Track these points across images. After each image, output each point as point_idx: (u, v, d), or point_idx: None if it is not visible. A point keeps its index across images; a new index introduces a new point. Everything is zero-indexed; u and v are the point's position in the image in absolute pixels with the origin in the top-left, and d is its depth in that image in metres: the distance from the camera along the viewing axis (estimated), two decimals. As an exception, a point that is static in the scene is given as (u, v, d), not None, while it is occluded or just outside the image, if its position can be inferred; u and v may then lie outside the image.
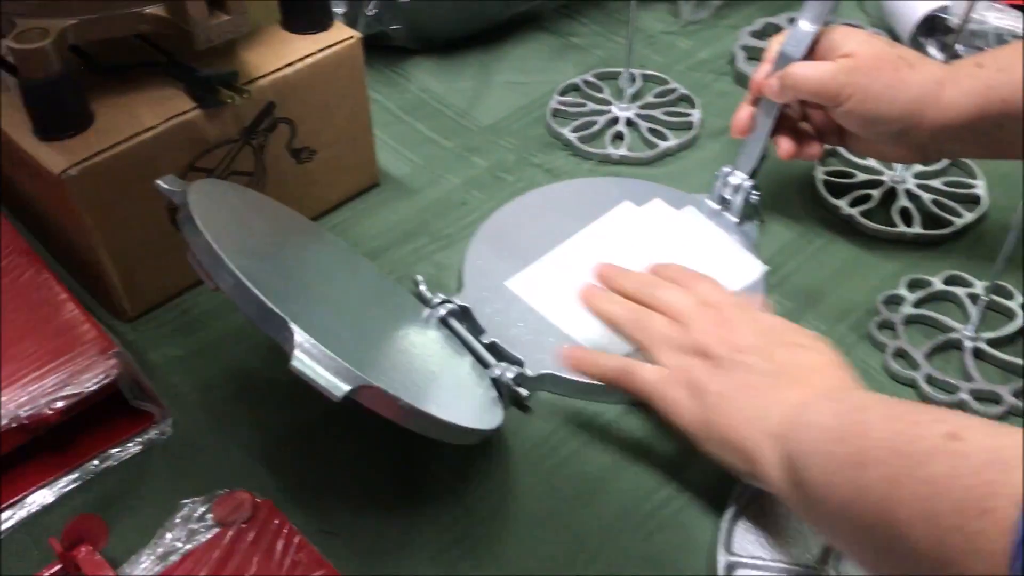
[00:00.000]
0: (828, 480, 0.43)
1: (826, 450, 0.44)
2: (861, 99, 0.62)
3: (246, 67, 0.65)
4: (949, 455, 0.38)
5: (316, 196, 0.73)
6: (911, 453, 0.40)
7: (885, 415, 0.43)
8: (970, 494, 0.36)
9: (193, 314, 0.67)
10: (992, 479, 0.35)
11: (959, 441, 0.38)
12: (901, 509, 0.38)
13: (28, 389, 0.55)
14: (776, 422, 0.48)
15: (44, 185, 0.61)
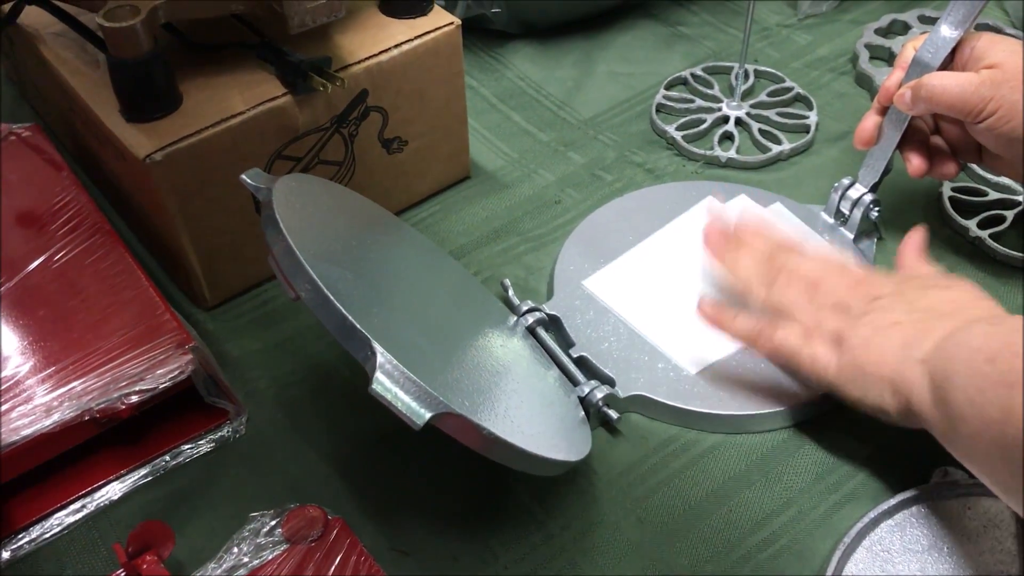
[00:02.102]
0: (975, 399, 0.43)
1: (975, 369, 0.43)
2: (1006, 116, 0.56)
3: (340, 52, 0.62)
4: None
5: (404, 188, 0.70)
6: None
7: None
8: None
9: (273, 306, 0.65)
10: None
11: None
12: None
13: (102, 380, 0.53)
14: (926, 349, 0.47)
15: (129, 167, 0.59)
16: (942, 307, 0.50)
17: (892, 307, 0.51)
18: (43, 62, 0.65)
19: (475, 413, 0.44)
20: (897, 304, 0.51)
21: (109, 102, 0.59)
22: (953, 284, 0.52)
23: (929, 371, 0.47)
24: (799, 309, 0.54)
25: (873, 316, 0.51)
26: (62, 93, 0.64)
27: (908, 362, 0.48)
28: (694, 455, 0.56)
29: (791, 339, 0.54)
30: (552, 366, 0.58)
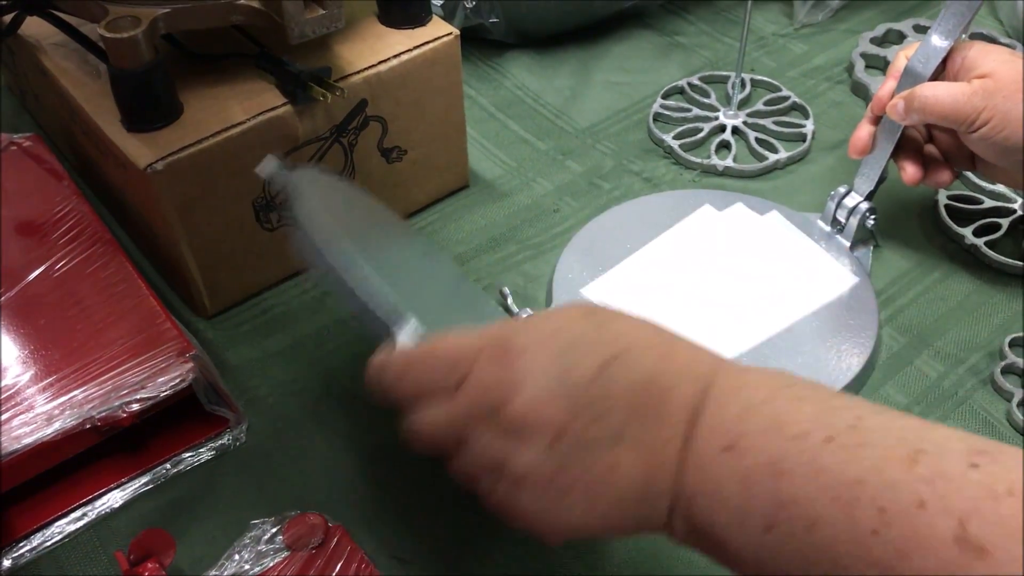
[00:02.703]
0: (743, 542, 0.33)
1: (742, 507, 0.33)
2: (999, 125, 0.56)
3: (340, 62, 0.62)
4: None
5: (403, 197, 0.71)
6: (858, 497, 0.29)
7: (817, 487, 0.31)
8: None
9: (273, 314, 0.66)
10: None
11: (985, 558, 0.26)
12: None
13: (103, 388, 0.53)
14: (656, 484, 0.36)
15: (130, 177, 0.59)
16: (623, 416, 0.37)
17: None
18: (44, 72, 0.65)
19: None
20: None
21: (110, 112, 0.59)
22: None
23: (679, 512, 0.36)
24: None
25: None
26: (63, 103, 0.65)
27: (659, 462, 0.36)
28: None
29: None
30: None
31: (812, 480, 0.31)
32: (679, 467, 0.36)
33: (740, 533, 0.33)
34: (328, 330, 0.64)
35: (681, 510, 0.36)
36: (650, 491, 0.36)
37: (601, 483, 0.36)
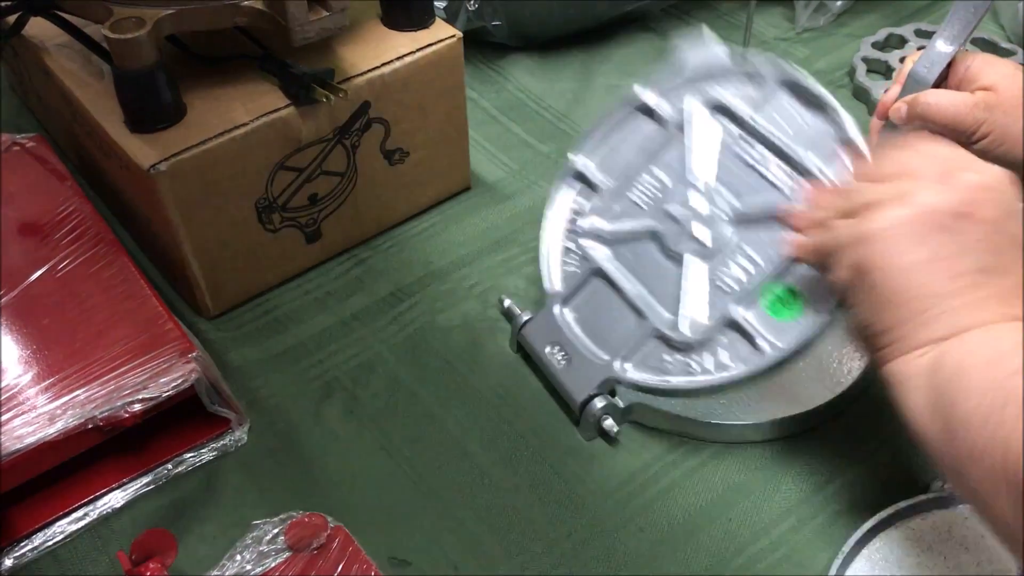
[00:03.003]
0: (986, 413, 0.39)
1: (993, 377, 0.39)
2: (997, 140, 0.56)
3: (343, 64, 0.62)
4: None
5: (406, 198, 0.71)
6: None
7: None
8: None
9: (275, 315, 0.66)
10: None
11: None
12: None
13: (106, 389, 0.53)
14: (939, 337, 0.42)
15: (133, 177, 0.59)
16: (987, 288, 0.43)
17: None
18: (47, 73, 0.65)
19: None
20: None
21: (113, 113, 0.59)
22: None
23: (935, 359, 0.42)
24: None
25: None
26: (66, 104, 0.65)
27: (918, 338, 0.43)
28: (693, 465, 0.56)
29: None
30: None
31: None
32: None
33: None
34: (329, 331, 0.64)
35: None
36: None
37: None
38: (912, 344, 0.43)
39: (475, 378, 0.61)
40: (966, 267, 0.43)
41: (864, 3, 0.91)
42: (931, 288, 0.43)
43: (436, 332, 0.64)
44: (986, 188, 0.45)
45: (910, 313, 0.43)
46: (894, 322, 0.44)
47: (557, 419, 0.59)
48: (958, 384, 0.41)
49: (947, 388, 0.41)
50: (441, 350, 0.63)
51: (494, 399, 0.60)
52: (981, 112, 0.56)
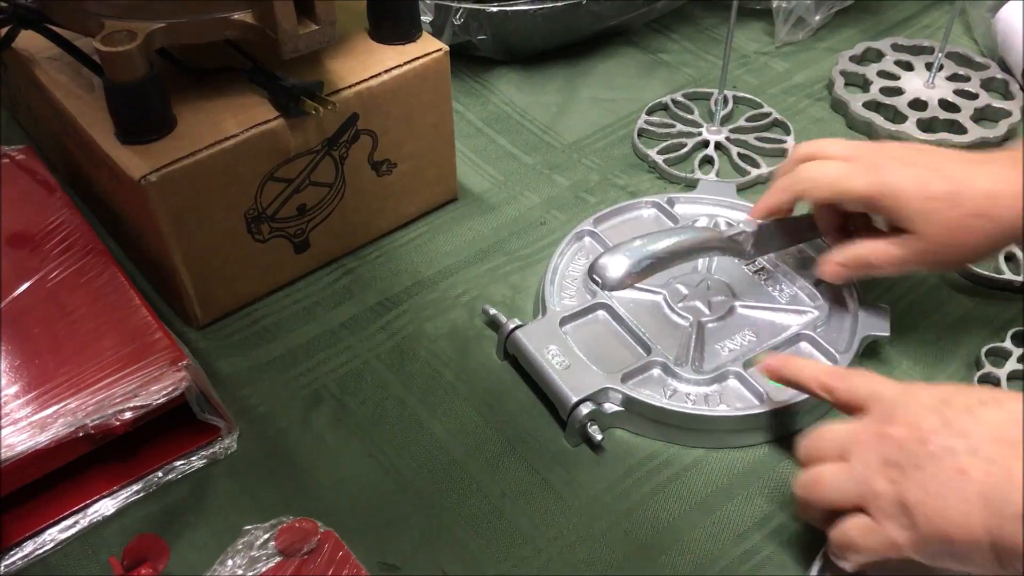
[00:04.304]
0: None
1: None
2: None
3: (331, 76, 0.63)
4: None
5: (393, 209, 0.72)
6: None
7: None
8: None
9: (264, 324, 0.66)
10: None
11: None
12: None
13: (97, 397, 0.54)
14: (1017, 501, 0.41)
15: (123, 188, 0.60)
16: (1007, 437, 0.42)
17: (949, 449, 0.43)
18: (38, 85, 0.66)
19: None
20: (952, 442, 0.43)
21: (104, 124, 0.60)
22: (1001, 397, 0.45)
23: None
24: (845, 492, 0.47)
25: (932, 468, 0.43)
26: (56, 116, 0.66)
27: (1004, 521, 0.41)
28: (677, 469, 0.57)
29: (853, 533, 0.46)
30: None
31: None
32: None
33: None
34: (318, 340, 0.65)
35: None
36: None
37: (960, 483, 0.42)
38: (1013, 534, 0.41)
39: (462, 385, 0.62)
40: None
41: (842, 18, 0.93)
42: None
43: (424, 340, 0.65)
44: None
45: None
46: (977, 538, 0.42)
47: (543, 425, 0.60)
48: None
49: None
50: (429, 358, 0.64)
51: (481, 406, 0.61)
52: (916, 262, 0.57)
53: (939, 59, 0.83)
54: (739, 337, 0.62)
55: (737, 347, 0.61)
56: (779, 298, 0.64)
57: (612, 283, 0.57)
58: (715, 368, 0.59)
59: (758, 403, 0.58)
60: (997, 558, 0.41)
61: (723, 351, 0.61)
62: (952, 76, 0.84)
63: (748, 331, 0.62)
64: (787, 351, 0.61)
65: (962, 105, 0.81)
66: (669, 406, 0.57)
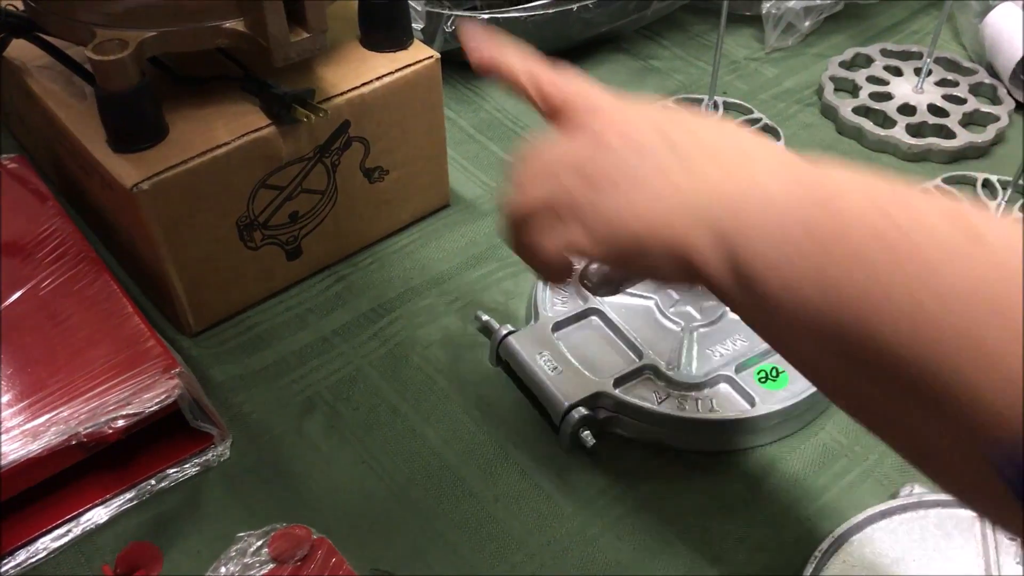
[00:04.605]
0: (788, 281, 0.34)
1: (785, 242, 0.34)
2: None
3: (323, 84, 0.64)
4: (965, 257, 0.30)
5: (386, 216, 0.72)
6: (910, 248, 0.31)
7: (871, 198, 0.33)
8: (987, 294, 0.29)
9: (257, 332, 0.66)
10: (1003, 271, 0.29)
11: (982, 244, 0.30)
12: (885, 312, 0.31)
13: (90, 405, 0.54)
14: (709, 208, 0.37)
15: (115, 196, 0.60)
16: (724, 156, 0.39)
17: (661, 159, 0.39)
18: (30, 94, 0.66)
19: None
20: (665, 155, 0.39)
21: (96, 133, 0.60)
22: (723, 123, 0.43)
23: (720, 244, 0.36)
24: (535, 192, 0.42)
25: (641, 171, 0.39)
26: (48, 124, 0.66)
27: (694, 229, 0.37)
28: (670, 474, 0.58)
29: (535, 236, 0.42)
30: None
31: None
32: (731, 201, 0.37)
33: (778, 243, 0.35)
34: (311, 347, 0.65)
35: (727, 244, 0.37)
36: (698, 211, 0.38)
37: (664, 189, 0.38)
38: (685, 236, 0.38)
39: (455, 392, 0.62)
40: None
41: (831, 24, 0.93)
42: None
43: (416, 347, 0.65)
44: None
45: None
46: (661, 238, 0.38)
47: (536, 431, 0.60)
48: (748, 254, 0.36)
49: (739, 260, 0.36)
50: (422, 365, 0.64)
51: (474, 412, 0.61)
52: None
53: (927, 64, 0.83)
54: (730, 342, 0.62)
55: (728, 352, 0.61)
56: None
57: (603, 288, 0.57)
58: (707, 373, 0.60)
59: (750, 407, 0.58)
60: (676, 266, 0.38)
61: (714, 356, 0.61)
62: (940, 81, 0.85)
63: (739, 336, 0.62)
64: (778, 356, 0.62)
65: (950, 110, 0.82)
66: (661, 410, 0.58)
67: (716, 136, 0.40)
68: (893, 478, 0.57)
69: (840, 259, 0.33)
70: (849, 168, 0.36)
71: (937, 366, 0.30)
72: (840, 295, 0.32)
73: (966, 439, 0.30)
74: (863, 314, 0.32)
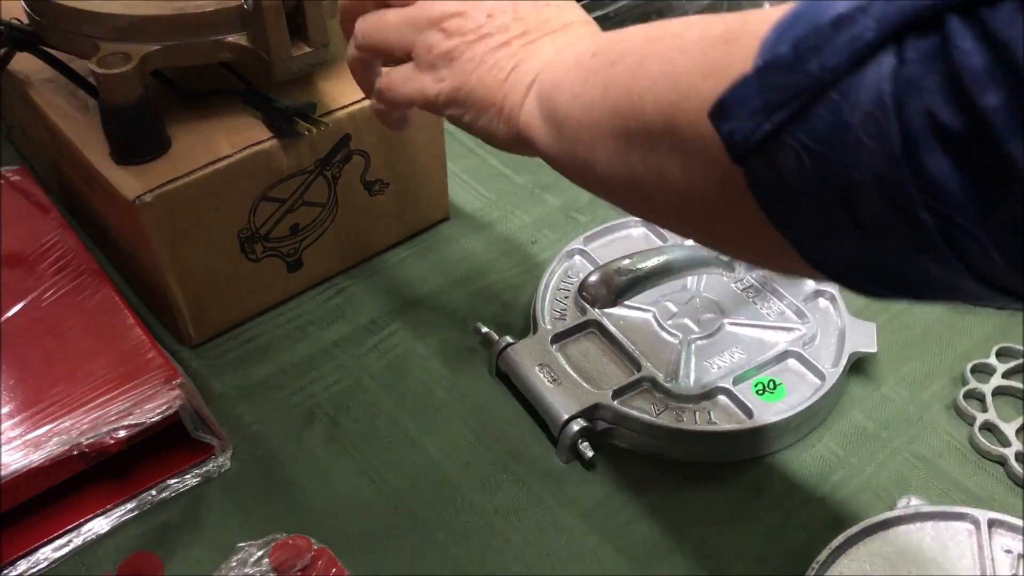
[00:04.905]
0: (578, 91, 0.41)
1: (578, 66, 0.41)
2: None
3: (323, 98, 0.64)
4: (700, 26, 0.36)
5: (385, 229, 0.72)
6: (665, 36, 0.37)
7: (650, 27, 0.40)
8: (716, 39, 0.34)
9: (257, 344, 0.67)
10: (741, 23, 0.33)
11: (732, 41, 0.33)
12: (643, 81, 0.37)
13: (91, 416, 0.54)
14: (534, 66, 0.45)
15: (117, 208, 0.60)
16: (552, 24, 0.47)
17: (504, 26, 0.47)
18: (33, 107, 0.67)
19: None
20: (510, 23, 0.47)
21: (99, 145, 0.61)
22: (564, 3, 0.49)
23: (537, 89, 0.44)
24: (402, 43, 0.49)
25: (487, 38, 0.46)
26: (51, 137, 0.66)
27: (517, 86, 0.45)
28: (668, 485, 0.58)
29: (394, 76, 0.50)
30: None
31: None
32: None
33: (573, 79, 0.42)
34: (311, 359, 0.66)
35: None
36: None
37: (508, 63, 0.46)
38: (517, 103, 0.45)
39: (454, 403, 0.63)
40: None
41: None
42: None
43: (416, 359, 0.66)
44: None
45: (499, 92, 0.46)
46: (494, 101, 0.46)
47: (535, 442, 0.60)
48: (555, 92, 0.43)
49: (549, 99, 0.43)
50: (421, 376, 0.65)
51: (473, 423, 0.62)
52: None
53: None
54: (728, 354, 0.63)
55: (726, 364, 0.62)
56: (767, 315, 0.65)
57: (602, 301, 0.57)
58: (705, 385, 0.60)
59: (748, 419, 0.59)
60: (503, 120, 0.46)
61: (712, 368, 0.62)
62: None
63: (737, 348, 0.63)
64: (775, 368, 0.62)
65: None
66: (659, 422, 0.58)
67: (554, 12, 0.47)
68: (890, 490, 0.57)
69: (616, 61, 0.39)
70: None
71: (677, 107, 0.35)
72: (616, 84, 0.38)
73: (708, 154, 0.33)
74: (632, 89, 0.37)
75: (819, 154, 0.29)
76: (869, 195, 0.28)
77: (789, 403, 0.59)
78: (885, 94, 0.27)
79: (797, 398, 0.60)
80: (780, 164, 0.30)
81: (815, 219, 0.31)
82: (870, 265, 0.31)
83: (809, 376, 0.61)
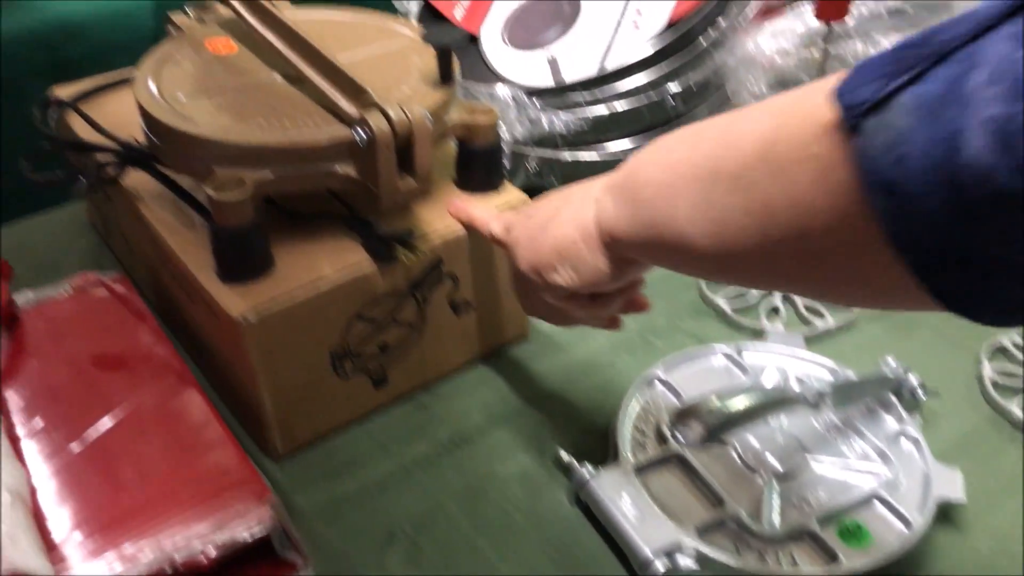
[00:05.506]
0: (661, 158, 0.48)
1: (658, 148, 0.48)
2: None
3: (419, 223, 0.66)
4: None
5: (468, 347, 0.74)
6: (741, 118, 0.43)
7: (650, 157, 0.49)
8: (799, 102, 0.39)
9: (341, 458, 0.68)
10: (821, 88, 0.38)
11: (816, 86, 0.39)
12: (737, 125, 0.43)
13: (184, 531, 0.55)
14: (591, 224, 0.54)
15: (219, 324, 0.62)
16: (580, 188, 0.57)
17: (541, 208, 0.59)
18: (141, 219, 0.70)
19: None
20: (541, 206, 0.59)
21: (204, 261, 0.63)
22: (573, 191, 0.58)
23: (606, 186, 0.53)
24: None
25: (552, 224, 0.57)
26: (155, 248, 0.69)
27: (585, 233, 0.54)
28: (751, 629, 0.57)
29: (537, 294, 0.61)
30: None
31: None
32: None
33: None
34: (392, 476, 0.66)
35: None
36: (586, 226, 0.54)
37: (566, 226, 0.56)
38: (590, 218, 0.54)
39: (533, 531, 0.63)
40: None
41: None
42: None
43: (495, 481, 0.66)
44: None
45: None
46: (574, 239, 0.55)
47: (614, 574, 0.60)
48: (637, 169, 0.50)
49: (632, 181, 0.51)
50: (500, 500, 0.65)
51: (553, 553, 0.62)
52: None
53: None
54: (811, 494, 0.62)
55: (810, 504, 0.62)
56: (849, 454, 0.65)
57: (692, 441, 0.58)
58: (789, 525, 0.60)
59: (832, 563, 0.58)
60: (588, 246, 0.54)
61: (796, 507, 0.61)
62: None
63: (820, 488, 0.63)
64: (860, 512, 0.62)
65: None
66: (743, 568, 0.57)
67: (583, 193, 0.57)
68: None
69: (705, 128, 0.46)
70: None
71: (779, 128, 0.40)
72: (707, 135, 0.45)
73: (814, 163, 0.37)
74: (725, 136, 0.44)
75: (933, 111, 0.32)
76: (977, 140, 0.30)
77: (875, 551, 0.59)
78: (1011, 48, 0.30)
79: (885, 547, 0.59)
80: (893, 123, 0.33)
81: (922, 184, 0.32)
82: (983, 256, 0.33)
83: (895, 523, 0.61)
